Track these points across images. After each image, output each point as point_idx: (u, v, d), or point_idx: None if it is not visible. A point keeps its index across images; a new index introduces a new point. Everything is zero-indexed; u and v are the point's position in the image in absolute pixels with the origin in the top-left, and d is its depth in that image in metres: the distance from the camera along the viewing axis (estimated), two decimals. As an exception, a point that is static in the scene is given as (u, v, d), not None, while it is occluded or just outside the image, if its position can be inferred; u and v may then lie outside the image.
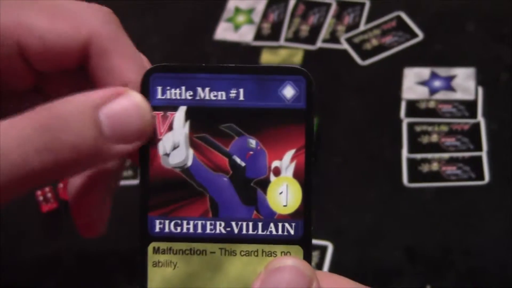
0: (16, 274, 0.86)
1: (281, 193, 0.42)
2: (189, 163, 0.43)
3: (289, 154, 0.42)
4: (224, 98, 0.42)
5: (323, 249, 0.83)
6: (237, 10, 1.08)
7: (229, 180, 0.43)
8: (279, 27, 1.05)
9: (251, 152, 0.41)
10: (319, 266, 0.81)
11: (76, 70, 0.44)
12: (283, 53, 1.02)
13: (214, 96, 0.42)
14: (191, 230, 0.44)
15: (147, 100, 0.41)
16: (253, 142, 0.41)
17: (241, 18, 1.07)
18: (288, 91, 0.42)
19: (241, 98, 0.42)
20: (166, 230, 0.47)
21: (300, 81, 0.42)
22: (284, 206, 0.42)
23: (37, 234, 0.90)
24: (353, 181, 0.89)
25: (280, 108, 0.42)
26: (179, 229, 0.45)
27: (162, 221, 0.48)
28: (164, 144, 0.43)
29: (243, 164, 0.42)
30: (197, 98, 0.42)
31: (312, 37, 1.03)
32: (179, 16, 1.10)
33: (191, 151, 0.42)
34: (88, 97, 0.38)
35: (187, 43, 1.05)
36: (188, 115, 0.42)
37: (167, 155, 0.43)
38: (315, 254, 0.82)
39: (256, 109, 0.42)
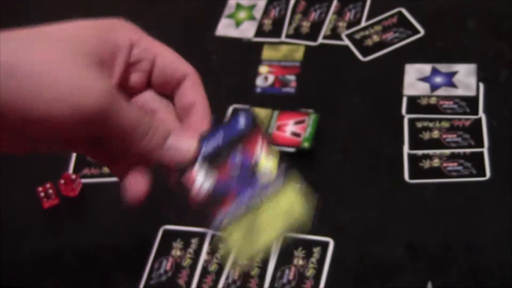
0: (17, 271, 0.86)
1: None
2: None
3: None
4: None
5: (325, 246, 0.83)
6: (239, 7, 1.08)
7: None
8: (280, 23, 1.05)
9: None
10: (321, 262, 0.81)
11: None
12: (284, 49, 1.02)
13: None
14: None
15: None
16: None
17: (242, 15, 1.07)
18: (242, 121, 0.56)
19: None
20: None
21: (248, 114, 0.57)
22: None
23: (38, 230, 0.90)
24: (354, 178, 0.89)
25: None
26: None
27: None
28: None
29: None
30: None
31: (313, 33, 1.03)
32: (180, 12, 1.10)
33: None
34: (173, 131, 0.57)
35: (188, 39, 1.05)
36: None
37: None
38: (317, 251, 0.83)
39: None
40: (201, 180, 0.55)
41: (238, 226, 0.54)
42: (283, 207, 0.55)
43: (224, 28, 1.06)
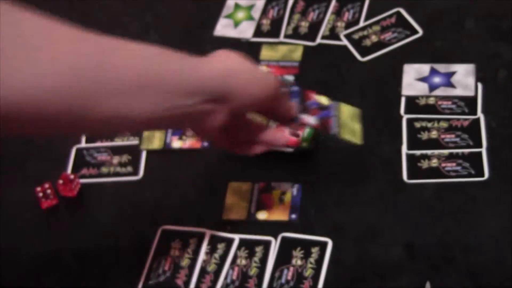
0: (15, 271, 0.86)
1: None
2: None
3: None
4: None
5: (323, 246, 0.83)
6: (237, 7, 1.08)
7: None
8: (279, 24, 1.05)
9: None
10: (319, 262, 0.81)
11: None
12: (283, 49, 1.02)
13: None
14: None
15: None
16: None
17: (240, 15, 1.07)
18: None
19: None
20: None
21: None
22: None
23: (37, 230, 0.90)
24: (352, 178, 0.89)
25: None
26: None
27: None
28: None
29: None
30: None
31: (311, 34, 1.03)
32: (179, 12, 1.10)
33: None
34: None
35: (187, 39, 1.05)
36: None
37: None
38: (315, 251, 0.83)
39: None
40: (308, 119, 0.83)
41: (342, 128, 0.85)
42: (348, 114, 0.87)
43: (223, 28, 1.06)
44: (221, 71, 0.73)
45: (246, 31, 1.05)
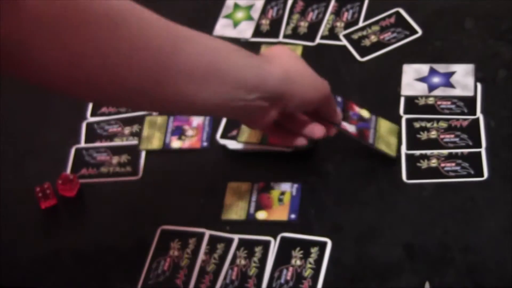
0: (14, 271, 0.86)
1: None
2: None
3: None
4: None
5: (322, 246, 0.83)
6: (236, 7, 1.08)
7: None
8: (278, 24, 1.05)
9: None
10: (318, 262, 0.82)
11: None
12: (282, 50, 1.02)
13: None
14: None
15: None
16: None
17: (240, 15, 1.07)
18: None
19: None
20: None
21: None
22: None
23: (36, 230, 0.90)
24: (351, 178, 0.89)
25: None
26: None
27: None
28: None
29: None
30: None
31: (311, 34, 1.03)
32: (178, 12, 1.10)
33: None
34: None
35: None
36: None
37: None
38: (315, 251, 0.83)
39: None
40: (349, 126, 0.88)
41: (378, 139, 0.89)
42: (386, 129, 0.90)
43: (222, 28, 1.06)
44: (282, 74, 0.79)
45: (245, 31, 1.05)
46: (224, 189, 0.90)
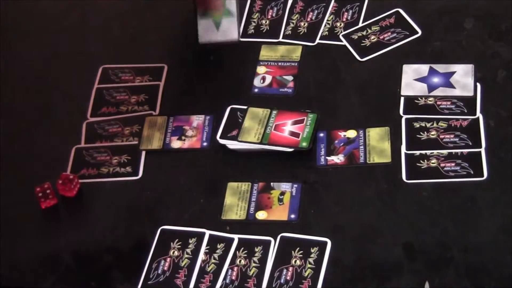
0: (15, 271, 0.86)
1: None
2: None
3: None
4: None
5: (322, 246, 0.83)
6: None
7: None
8: (278, 24, 1.05)
9: None
10: (318, 262, 0.82)
11: None
12: (282, 50, 1.02)
13: None
14: None
15: None
16: None
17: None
18: None
19: None
20: None
21: None
22: None
23: (36, 230, 0.90)
24: (351, 178, 0.89)
25: None
26: None
27: None
28: None
29: None
30: None
31: (310, 34, 1.03)
32: (179, 12, 1.10)
33: None
34: None
35: (186, 39, 1.05)
36: None
37: None
38: (314, 251, 0.83)
39: None
40: (336, 158, 0.89)
41: (369, 153, 0.89)
42: (376, 136, 0.90)
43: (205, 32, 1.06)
44: None
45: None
46: (224, 189, 0.90)
